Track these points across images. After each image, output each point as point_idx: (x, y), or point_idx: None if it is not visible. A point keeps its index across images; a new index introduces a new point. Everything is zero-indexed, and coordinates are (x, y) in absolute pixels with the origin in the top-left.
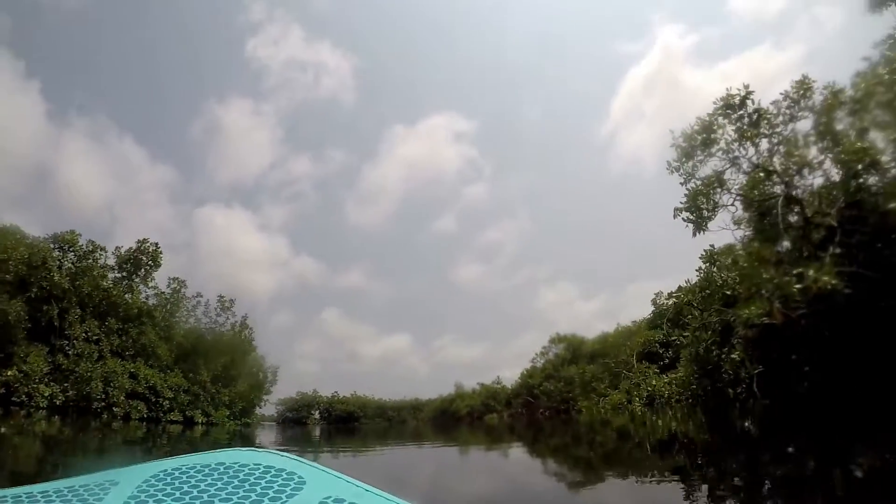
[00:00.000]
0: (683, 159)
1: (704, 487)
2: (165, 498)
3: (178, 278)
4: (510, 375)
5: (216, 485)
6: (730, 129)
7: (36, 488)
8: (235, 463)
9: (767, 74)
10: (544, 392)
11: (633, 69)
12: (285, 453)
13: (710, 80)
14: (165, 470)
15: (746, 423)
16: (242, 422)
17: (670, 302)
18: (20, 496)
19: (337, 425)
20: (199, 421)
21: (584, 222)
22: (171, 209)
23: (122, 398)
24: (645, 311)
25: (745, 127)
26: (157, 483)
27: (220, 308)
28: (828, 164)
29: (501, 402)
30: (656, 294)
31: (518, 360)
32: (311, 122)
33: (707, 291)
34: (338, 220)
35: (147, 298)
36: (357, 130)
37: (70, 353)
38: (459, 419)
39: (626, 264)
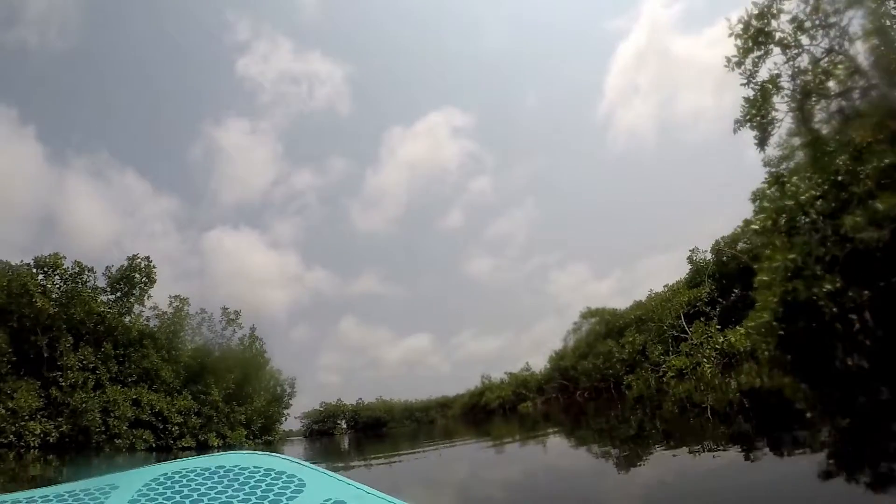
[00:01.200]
0: (743, 51)
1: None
2: (166, 502)
3: (179, 296)
4: (533, 363)
5: (216, 488)
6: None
7: (37, 493)
8: (236, 466)
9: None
10: (583, 371)
11: (622, 45)
12: (285, 456)
13: (699, 47)
14: (166, 473)
15: (853, 360)
16: (263, 440)
17: (707, 257)
18: (20, 501)
19: (364, 432)
20: (215, 444)
21: (590, 203)
22: (179, 237)
23: (124, 428)
24: (658, 284)
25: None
26: (157, 487)
27: (225, 321)
28: None
29: (533, 389)
30: (692, 250)
31: (538, 348)
32: (309, 134)
33: (783, 216)
34: (345, 228)
35: (147, 320)
36: (356, 137)
37: (63, 384)
38: (491, 412)
39: (636, 240)
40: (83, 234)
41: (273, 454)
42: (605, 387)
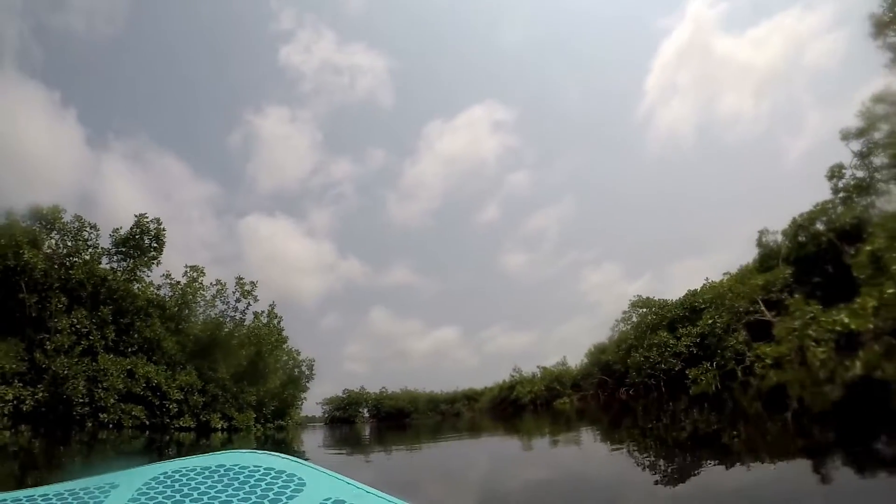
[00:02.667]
0: None
1: None
2: (165, 500)
3: (196, 266)
4: (561, 361)
5: (216, 487)
6: None
7: (37, 491)
8: (236, 465)
9: (801, 37)
10: (633, 364)
11: (665, 43)
12: (285, 455)
13: (742, 48)
14: (165, 472)
15: None
16: (275, 425)
17: (778, 239)
18: (20, 499)
19: (387, 422)
20: (218, 426)
21: (627, 202)
22: (216, 222)
23: (111, 401)
24: (689, 286)
25: None
26: (156, 486)
27: (239, 292)
28: None
29: (568, 385)
30: (761, 231)
31: (565, 346)
32: (349, 124)
33: None
34: (381, 219)
35: (159, 289)
36: (396, 129)
37: (48, 347)
38: (521, 407)
39: (670, 241)
40: (120, 217)
41: (273, 453)
42: (654, 384)
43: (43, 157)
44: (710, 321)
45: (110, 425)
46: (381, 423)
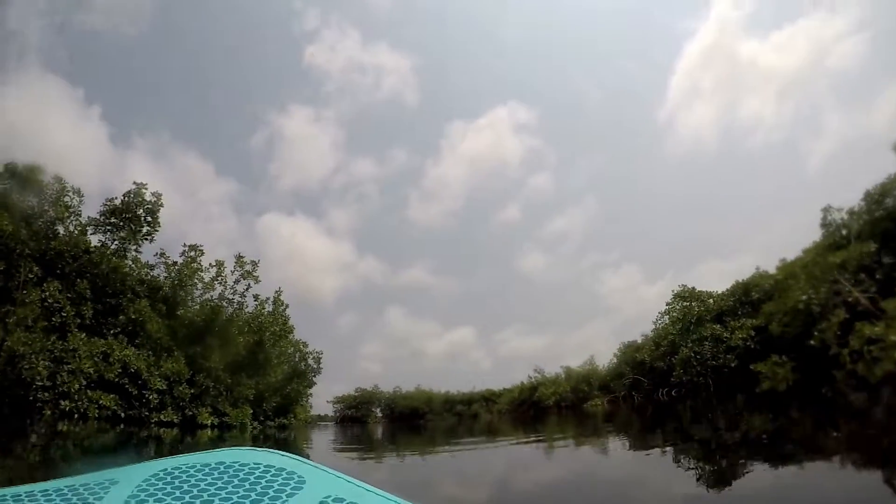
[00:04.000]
0: None
1: None
2: (165, 497)
3: (195, 245)
4: (588, 360)
5: (216, 484)
6: None
7: (37, 487)
8: (236, 462)
9: (825, 41)
10: (680, 361)
11: (688, 44)
12: (286, 452)
13: (765, 52)
14: (166, 469)
15: None
16: (277, 423)
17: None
18: (20, 495)
19: (399, 423)
20: (207, 422)
21: (648, 204)
22: (236, 220)
23: (77, 386)
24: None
25: None
26: (157, 482)
27: (240, 274)
28: None
29: (595, 386)
30: (825, 209)
31: (582, 350)
32: (373, 124)
33: None
34: (402, 219)
35: (153, 268)
36: (419, 129)
37: (9, 322)
38: (544, 409)
39: (691, 245)
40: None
41: (273, 451)
42: (703, 382)
43: (67, 155)
44: (802, 298)
45: (74, 415)
46: (395, 423)
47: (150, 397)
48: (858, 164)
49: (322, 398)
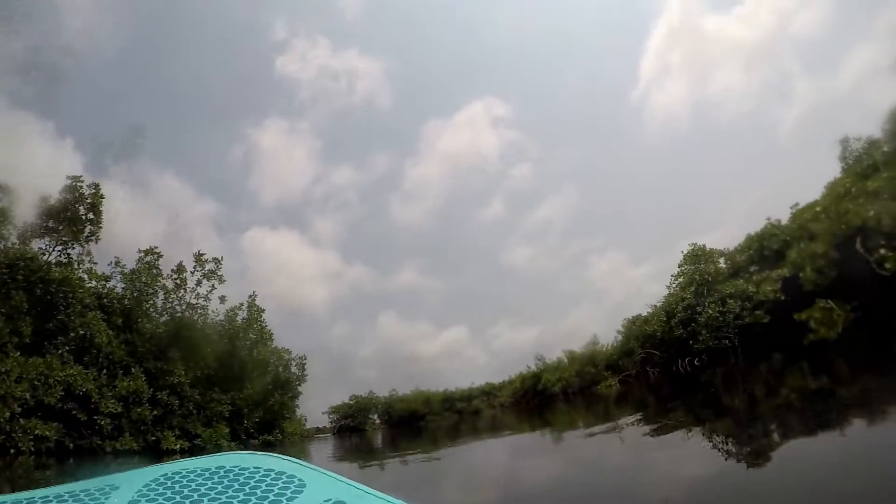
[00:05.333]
0: None
1: None
2: (166, 502)
3: (152, 248)
4: (592, 340)
5: (217, 488)
6: None
7: (37, 493)
8: (236, 466)
9: (788, 10)
10: (706, 324)
11: (655, 24)
12: (286, 456)
13: (729, 25)
14: (166, 474)
15: None
16: (262, 440)
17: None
18: (21, 501)
19: (398, 427)
20: (175, 447)
21: (629, 187)
22: (220, 240)
23: (6, 416)
24: None
25: None
26: (157, 487)
27: (201, 274)
28: None
29: (601, 366)
30: (842, 140)
31: (577, 335)
32: (349, 129)
33: None
34: (385, 223)
35: (108, 280)
36: (395, 131)
37: None
38: (550, 398)
39: (673, 223)
40: (124, 243)
41: (273, 455)
42: (729, 346)
43: (45, 190)
44: (856, 223)
45: (10, 450)
46: (394, 428)
47: (103, 423)
48: (827, 128)
49: (319, 410)
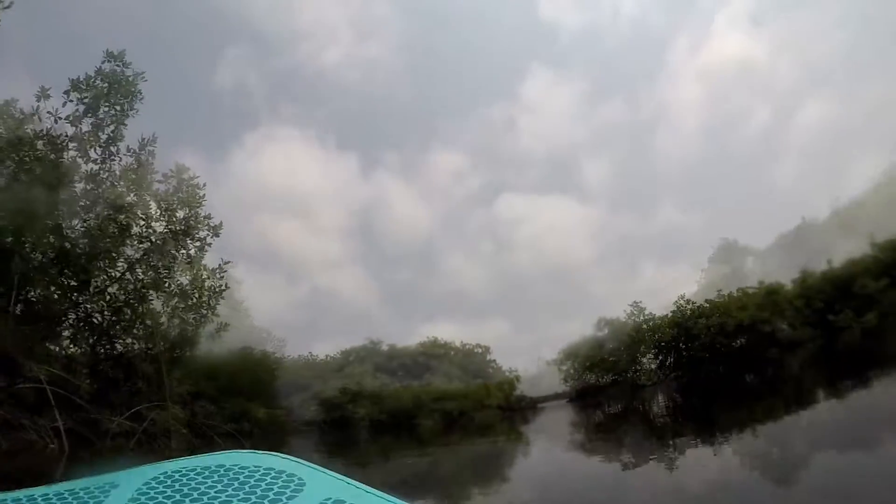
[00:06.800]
0: None
1: None
2: (165, 500)
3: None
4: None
5: (216, 487)
6: None
7: (37, 491)
8: (235, 465)
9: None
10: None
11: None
12: (285, 455)
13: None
14: (165, 472)
15: None
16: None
17: None
18: (20, 499)
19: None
20: None
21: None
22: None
23: None
24: None
25: None
26: (156, 486)
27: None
28: None
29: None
30: None
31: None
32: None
33: None
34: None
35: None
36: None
37: None
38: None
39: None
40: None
41: (273, 453)
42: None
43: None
44: None
45: None
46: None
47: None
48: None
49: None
